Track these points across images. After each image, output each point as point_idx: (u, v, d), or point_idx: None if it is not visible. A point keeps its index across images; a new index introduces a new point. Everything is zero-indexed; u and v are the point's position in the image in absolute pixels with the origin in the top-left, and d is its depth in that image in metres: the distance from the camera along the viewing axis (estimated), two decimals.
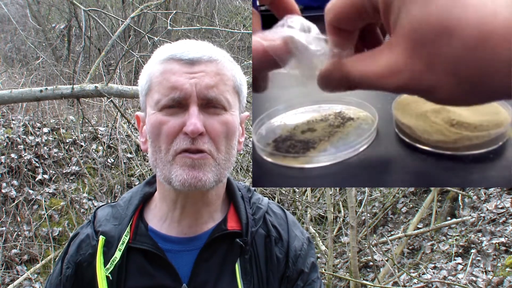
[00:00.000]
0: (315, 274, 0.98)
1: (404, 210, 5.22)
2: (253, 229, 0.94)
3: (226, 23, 9.59)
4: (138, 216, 0.96)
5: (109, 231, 0.93)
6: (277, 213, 1.02)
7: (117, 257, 0.89)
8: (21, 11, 10.06)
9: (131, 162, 5.36)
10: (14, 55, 9.39)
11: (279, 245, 0.96)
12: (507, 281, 3.36)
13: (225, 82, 0.86)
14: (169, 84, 0.83)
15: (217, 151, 0.84)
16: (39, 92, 3.51)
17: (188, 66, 0.84)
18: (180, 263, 0.90)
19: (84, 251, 0.94)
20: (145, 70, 0.90)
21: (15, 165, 4.68)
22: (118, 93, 3.62)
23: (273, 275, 0.93)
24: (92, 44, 8.21)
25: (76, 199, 4.76)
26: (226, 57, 0.90)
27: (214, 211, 0.95)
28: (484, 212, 4.26)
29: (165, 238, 0.92)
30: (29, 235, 4.36)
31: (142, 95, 0.91)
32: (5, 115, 5.29)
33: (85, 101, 5.59)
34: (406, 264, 4.35)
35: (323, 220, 5.18)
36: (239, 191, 1.00)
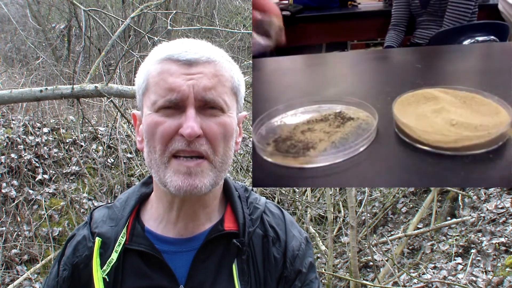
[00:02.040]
0: (313, 274, 0.98)
1: (404, 210, 5.21)
2: (250, 229, 0.93)
3: (226, 23, 9.59)
4: (135, 217, 0.95)
5: (106, 232, 0.93)
6: (275, 213, 1.01)
7: (114, 259, 0.89)
8: (21, 11, 10.06)
9: (131, 162, 5.36)
10: (14, 55, 9.39)
11: (276, 245, 0.95)
12: (507, 281, 3.36)
13: (223, 84, 0.85)
14: (166, 85, 0.82)
15: (214, 154, 0.84)
16: (39, 92, 3.51)
17: (186, 67, 0.83)
18: (177, 264, 0.89)
19: (81, 252, 0.93)
20: (143, 68, 0.89)
21: (15, 165, 4.68)
22: (118, 93, 3.62)
23: (270, 275, 0.93)
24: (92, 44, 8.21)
25: (76, 199, 4.76)
26: (224, 57, 0.89)
27: (211, 212, 0.94)
28: (484, 212, 4.26)
29: (161, 239, 0.92)
30: (29, 235, 4.35)
31: (139, 94, 0.90)
32: (5, 115, 5.28)
33: (85, 101, 5.59)
34: (406, 264, 4.34)
35: (323, 220, 5.18)
36: (236, 191, 0.99)
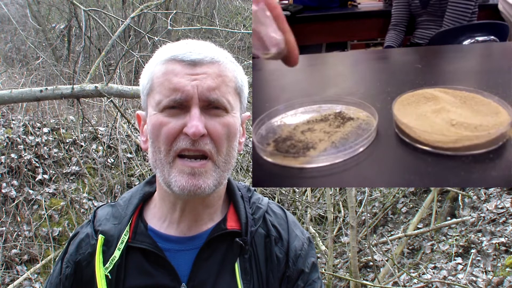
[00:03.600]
0: (316, 274, 0.98)
1: (404, 210, 5.21)
2: (252, 228, 0.94)
3: (226, 23, 9.59)
4: (138, 215, 0.96)
5: (109, 230, 0.93)
6: (277, 213, 1.02)
7: (116, 256, 0.89)
8: (21, 11, 10.05)
9: (131, 162, 5.36)
10: (14, 55, 9.39)
11: (279, 245, 0.96)
12: (507, 281, 3.36)
13: (227, 84, 0.86)
14: (170, 85, 0.83)
15: (217, 153, 0.85)
16: (39, 92, 3.51)
17: (190, 68, 0.84)
18: (179, 263, 0.90)
19: (84, 250, 0.94)
20: (147, 69, 0.90)
21: (15, 165, 4.67)
22: (118, 93, 3.62)
23: (273, 275, 0.93)
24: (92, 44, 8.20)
25: (76, 199, 4.76)
26: (228, 58, 0.90)
27: (214, 212, 0.95)
28: (484, 212, 4.26)
29: (164, 237, 0.92)
30: (29, 235, 4.35)
31: (143, 95, 0.91)
32: (5, 115, 5.28)
33: (85, 101, 5.59)
34: (406, 264, 4.34)
35: (323, 220, 5.18)
36: (239, 191, 1.00)
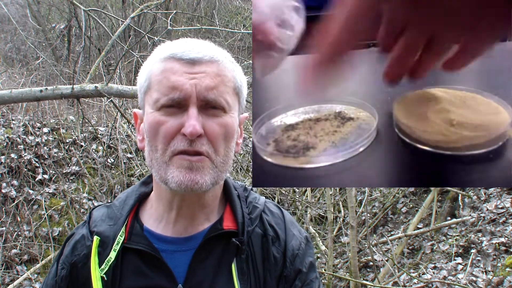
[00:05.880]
0: (314, 274, 0.97)
1: (404, 210, 5.21)
2: (249, 228, 0.93)
3: (226, 23, 9.59)
4: (134, 216, 0.95)
5: (104, 231, 0.92)
6: (274, 212, 1.01)
7: (112, 258, 0.89)
8: (21, 11, 10.05)
9: (131, 162, 5.36)
10: (14, 55, 9.38)
11: (276, 245, 0.95)
12: (507, 281, 3.36)
13: (226, 84, 0.85)
14: (169, 83, 0.82)
15: (215, 153, 0.84)
16: (39, 92, 3.51)
17: (189, 66, 0.83)
18: (175, 264, 0.89)
19: (79, 251, 0.93)
20: (145, 67, 0.89)
21: (15, 165, 4.67)
22: (118, 93, 3.62)
23: (270, 275, 0.92)
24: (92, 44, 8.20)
25: (76, 199, 4.75)
26: (227, 57, 0.89)
27: (210, 212, 0.94)
28: (484, 212, 4.26)
29: (160, 238, 0.91)
30: (29, 235, 4.35)
31: (140, 93, 0.90)
32: (5, 115, 5.28)
33: (85, 101, 5.59)
34: (406, 264, 4.34)
35: (323, 220, 5.18)
36: (235, 190, 0.99)
